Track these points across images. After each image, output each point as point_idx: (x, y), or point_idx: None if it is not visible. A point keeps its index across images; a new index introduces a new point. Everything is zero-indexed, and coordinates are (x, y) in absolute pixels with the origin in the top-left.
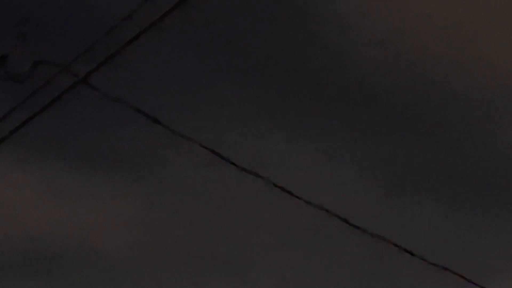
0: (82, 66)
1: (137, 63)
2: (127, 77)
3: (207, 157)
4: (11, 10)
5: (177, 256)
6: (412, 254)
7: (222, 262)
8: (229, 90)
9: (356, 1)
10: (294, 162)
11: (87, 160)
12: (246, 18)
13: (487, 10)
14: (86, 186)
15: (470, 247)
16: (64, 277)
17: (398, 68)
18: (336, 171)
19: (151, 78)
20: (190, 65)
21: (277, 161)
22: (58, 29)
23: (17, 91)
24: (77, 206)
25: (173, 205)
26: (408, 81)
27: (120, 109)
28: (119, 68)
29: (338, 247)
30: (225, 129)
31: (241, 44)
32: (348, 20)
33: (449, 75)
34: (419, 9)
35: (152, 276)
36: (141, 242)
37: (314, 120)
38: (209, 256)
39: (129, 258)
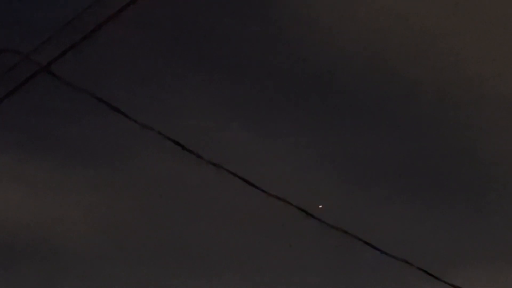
0: (44, 55)
1: (100, 53)
2: (90, 67)
3: (170, 148)
4: None
5: (141, 247)
6: (373, 247)
7: (185, 253)
8: (193, 81)
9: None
10: (258, 154)
11: (49, 149)
12: (212, 9)
13: (464, 12)
14: (47, 176)
15: (431, 240)
16: (27, 269)
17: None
18: (300, 163)
19: (114, 68)
20: (153, 56)
21: (241, 152)
22: (20, 18)
23: None
24: (39, 196)
25: (137, 196)
26: (380, 79)
27: (82, 98)
28: (82, 58)
29: (300, 239)
30: (188, 120)
31: (206, 35)
32: (319, 15)
33: (421, 73)
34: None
35: (118, 268)
36: (105, 233)
37: (279, 112)
38: (173, 246)
39: (93, 250)
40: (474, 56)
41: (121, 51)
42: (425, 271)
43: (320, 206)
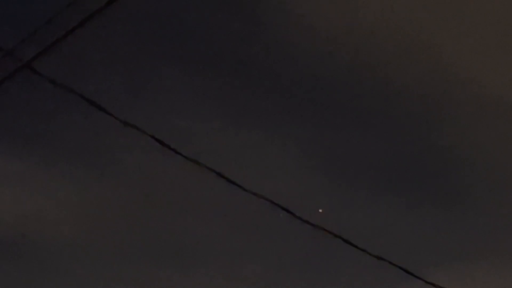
0: (26, 52)
1: (82, 50)
2: (72, 64)
3: (150, 145)
4: None
5: (121, 243)
6: (353, 245)
7: (167, 249)
8: (173, 78)
9: None
10: (238, 152)
11: (31, 145)
12: (192, 7)
13: (440, 9)
14: (29, 172)
15: (409, 239)
16: (7, 264)
17: (348, 62)
18: (281, 162)
19: (96, 65)
20: (135, 53)
21: (222, 150)
22: (1, 14)
23: None
24: (20, 192)
25: (118, 192)
26: (359, 78)
27: (64, 95)
28: (64, 55)
29: (280, 237)
30: (170, 117)
31: (189, 33)
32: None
33: (398, 72)
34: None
35: (99, 264)
36: (86, 229)
37: (261, 110)
38: (154, 241)
39: (74, 246)
40: (457, 58)
41: (103, 48)
42: (403, 269)
43: (320, 210)
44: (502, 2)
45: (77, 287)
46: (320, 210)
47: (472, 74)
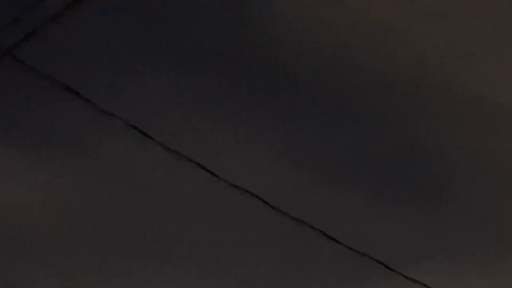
0: (6, 38)
1: (64, 38)
2: (54, 52)
3: (132, 135)
4: None
5: (103, 234)
6: (333, 239)
7: (146, 241)
8: (157, 70)
9: None
10: (218, 143)
11: (12, 135)
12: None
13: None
14: (9, 162)
15: (391, 234)
16: None
17: (327, 56)
18: (260, 153)
19: (78, 53)
20: (119, 42)
21: (202, 141)
22: None
23: None
24: (0, 183)
25: (99, 183)
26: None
27: (45, 84)
28: (46, 42)
29: (260, 230)
30: (152, 108)
31: (172, 23)
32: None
33: (377, 65)
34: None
35: (78, 254)
36: (66, 219)
37: (240, 102)
38: (134, 233)
39: (54, 237)
40: (441, 53)
41: (86, 37)
42: (384, 265)
43: None
44: None
45: (57, 277)
46: None
47: (460, 71)
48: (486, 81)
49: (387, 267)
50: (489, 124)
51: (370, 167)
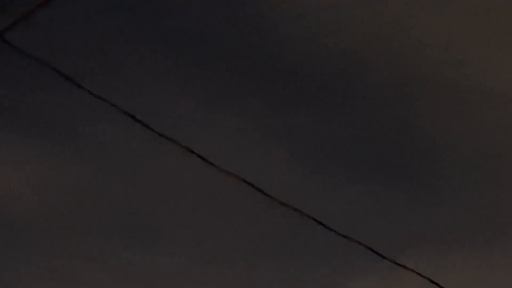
0: None
1: (56, 22)
2: (45, 36)
3: (123, 120)
4: None
5: (91, 221)
6: (323, 225)
7: (137, 228)
8: (148, 54)
9: None
10: (211, 129)
11: (2, 120)
12: None
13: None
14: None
15: (380, 220)
16: None
17: (319, 42)
18: (253, 140)
19: (70, 37)
20: (111, 26)
21: (195, 128)
22: None
23: None
24: None
25: (90, 168)
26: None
27: (36, 68)
28: (37, 26)
29: (252, 216)
30: (144, 93)
31: (165, 6)
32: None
33: (368, 50)
34: None
35: (68, 240)
36: (56, 205)
37: (234, 89)
38: (123, 221)
39: (42, 219)
40: (431, 40)
41: (78, 21)
42: (373, 250)
43: None
44: None
45: (43, 262)
46: None
47: (449, 59)
48: (485, 69)
49: (377, 253)
50: (486, 112)
51: (361, 153)
